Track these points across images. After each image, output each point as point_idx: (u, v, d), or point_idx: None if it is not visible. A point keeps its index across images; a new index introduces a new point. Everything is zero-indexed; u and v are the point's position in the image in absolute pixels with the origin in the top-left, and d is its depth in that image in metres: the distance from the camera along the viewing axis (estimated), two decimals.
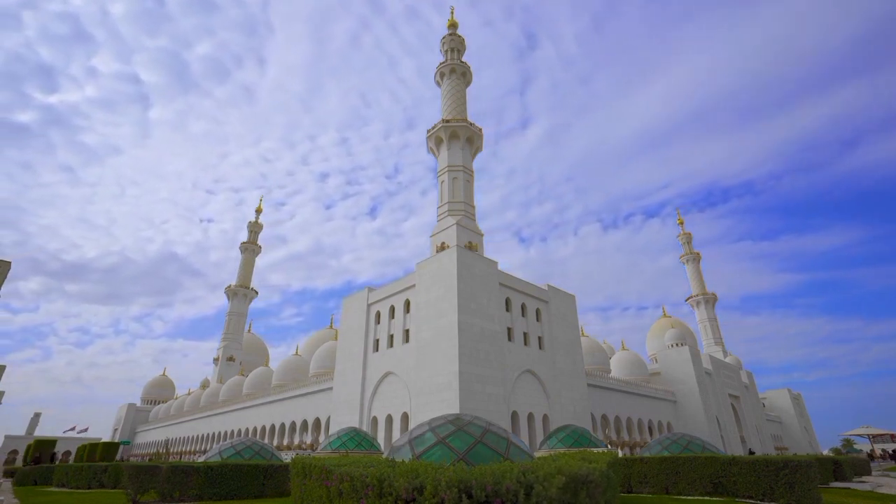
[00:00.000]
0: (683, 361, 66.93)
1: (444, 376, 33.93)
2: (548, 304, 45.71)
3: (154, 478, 17.55)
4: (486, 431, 11.01)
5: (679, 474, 17.88)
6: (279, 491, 18.34)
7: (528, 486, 5.92)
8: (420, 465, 7.05)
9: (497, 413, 34.24)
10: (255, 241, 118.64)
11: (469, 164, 52.70)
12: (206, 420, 78.35)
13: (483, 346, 35.82)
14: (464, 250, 38.51)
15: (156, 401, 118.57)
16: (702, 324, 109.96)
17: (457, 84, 58.01)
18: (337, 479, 7.50)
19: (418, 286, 39.74)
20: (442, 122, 53.14)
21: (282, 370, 66.54)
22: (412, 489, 5.98)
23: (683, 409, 64.77)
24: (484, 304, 37.56)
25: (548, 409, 40.69)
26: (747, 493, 16.23)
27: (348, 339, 47.06)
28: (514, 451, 10.59)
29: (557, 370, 43.33)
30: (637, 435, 57.40)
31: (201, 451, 75.25)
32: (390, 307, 43.38)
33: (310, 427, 52.51)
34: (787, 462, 15.70)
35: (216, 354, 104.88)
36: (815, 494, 15.21)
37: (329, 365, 57.03)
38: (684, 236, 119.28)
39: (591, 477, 6.94)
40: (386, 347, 42.13)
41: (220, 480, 17.08)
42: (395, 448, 11.53)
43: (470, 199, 50.76)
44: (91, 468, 27.09)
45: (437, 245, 46.61)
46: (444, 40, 61.60)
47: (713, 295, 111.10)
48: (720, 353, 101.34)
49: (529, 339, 42.05)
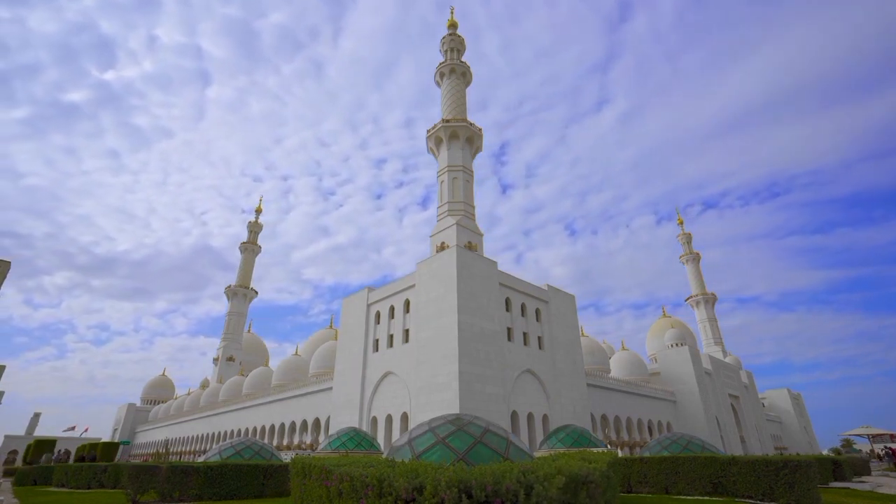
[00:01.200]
0: (683, 361, 66.95)
1: (443, 376, 33.93)
2: (547, 304, 45.72)
3: (154, 478, 17.53)
4: (485, 431, 11.01)
5: (679, 474, 17.89)
6: (279, 491, 18.34)
7: (528, 487, 5.93)
8: (420, 465, 7.05)
9: (497, 413, 34.24)
10: (254, 240, 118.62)
11: (469, 164, 52.71)
12: (205, 420, 78.32)
13: (483, 346, 35.82)
14: (464, 250, 38.52)
15: (155, 401, 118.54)
16: (701, 324, 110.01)
17: (457, 84, 58.01)
18: (337, 479, 7.50)
19: (418, 286, 39.74)
20: (442, 122, 53.14)
21: (281, 370, 66.54)
22: (412, 489, 5.98)
23: (683, 409, 64.79)
24: (484, 304, 37.57)
25: (548, 409, 40.69)
26: (747, 493, 16.23)
27: (348, 339, 47.05)
28: (514, 451, 10.59)
29: (557, 370, 43.34)
30: (637, 435, 57.40)
31: (201, 451, 75.23)
32: (390, 307, 43.38)
33: (309, 427, 52.49)
34: (787, 462, 15.70)
35: (216, 354, 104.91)
36: (815, 494, 15.22)
37: (329, 365, 57.02)
38: (684, 236, 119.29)
39: (591, 477, 6.94)
40: (386, 347, 42.14)
41: (220, 480, 17.07)
42: (395, 448, 11.52)
43: (470, 199, 50.78)
44: (91, 468, 27.08)
45: (436, 245, 46.62)
46: (443, 40, 61.53)
47: (713, 295, 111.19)
48: (720, 353, 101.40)
49: (529, 339, 42.05)
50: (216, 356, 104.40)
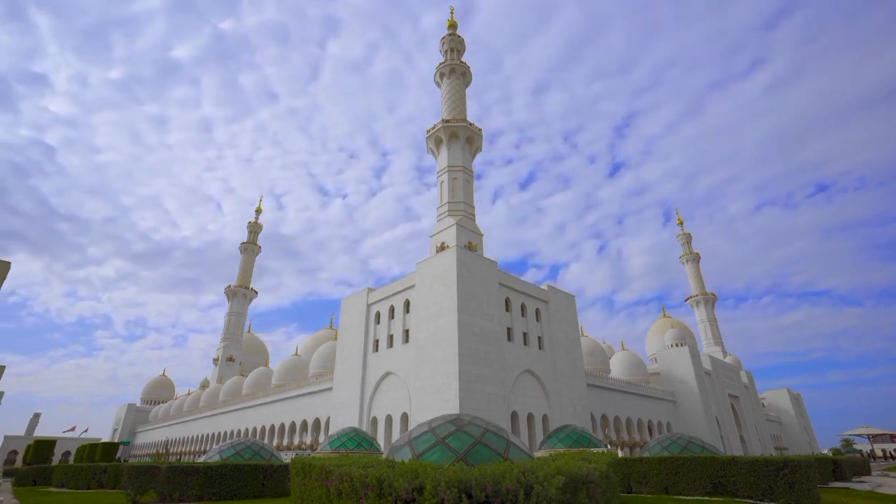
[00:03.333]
0: (683, 361, 66.96)
1: (443, 376, 33.93)
2: (547, 304, 45.71)
3: (154, 478, 17.54)
4: (485, 431, 11.01)
5: (679, 474, 17.89)
6: (279, 491, 18.35)
7: (528, 487, 5.93)
8: (420, 465, 7.06)
9: (497, 413, 34.24)
10: (255, 241, 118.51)
11: (469, 164, 52.70)
12: (205, 420, 78.28)
13: (483, 346, 35.81)
14: (464, 250, 38.52)
15: (156, 401, 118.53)
16: (702, 324, 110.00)
17: (456, 84, 58.00)
18: (337, 479, 7.50)
19: (418, 286, 39.74)
20: (442, 123, 53.15)
21: (281, 370, 66.51)
22: (412, 489, 5.98)
23: (683, 409, 64.79)
24: (484, 304, 37.56)
25: (547, 409, 40.69)
26: (747, 493, 16.23)
27: (348, 340, 47.05)
28: (514, 452, 10.59)
29: (557, 370, 43.33)
30: (637, 435, 57.39)
31: (201, 451, 75.21)
32: (390, 307, 43.37)
33: (309, 427, 52.47)
34: (787, 462, 15.71)
35: (216, 355, 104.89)
36: (815, 494, 15.22)
37: (329, 365, 57.00)
38: (683, 236, 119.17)
39: (590, 477, 6.95)
40: (386, 347, 42.13)
41: (220, 481, 17.08)
42: (395, 448, 11.53)
43: (470, 200, 50.78)
44: (91, 468, 27.08)
45: (436, 245, 46.60)
46: (443, 40, 61.50)
47: (713, 295, 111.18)
48: (720, 354, 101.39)
49: (529, 339, 42.04)
50: (216, 356, 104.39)
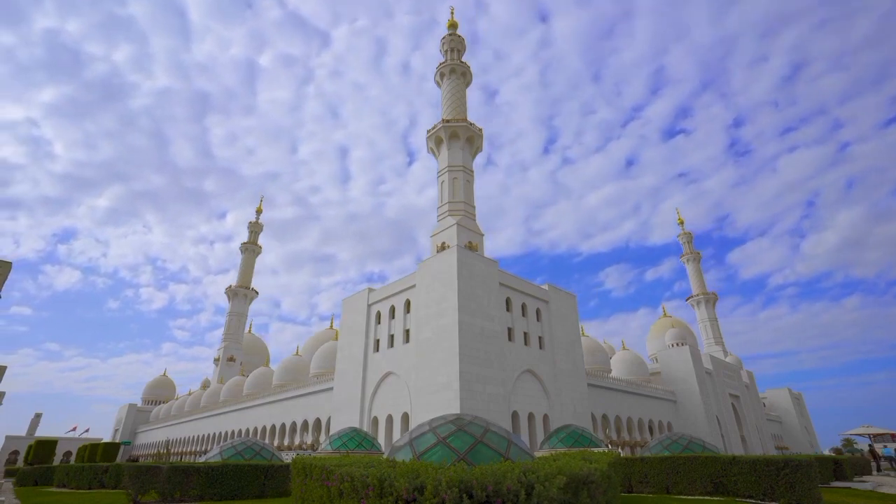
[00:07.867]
0: (684, 361, 66.91)
1: (444, 376, 33.94)
2: (548, 303, 45.71)
3: (155, 478, 17.55)
4: (486, 431, 11.01)
5: (679, 474, 17.88)
6: (280, 491, 18.36)
7: (529, 487, 5.93)
8: (421, 465, 7.06)
9: (497, 413, 34.24)
10: (255, 241, 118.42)
11: (469, 164, 52.70)
12: (206, 420, 78.35)
13: (483, 346, 35.81)
14: (464, 250, 38.52)
15: (156, 401, 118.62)
16: (702, 323, 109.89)
17: (457, 84, 58.00)
18: (337, 479, 7.50)
19: (419, 286, 39.75)
20: (442, 122, 53.15)
21: (282, 370, 66.55)
22: (413, 489, 5.98)
23: (684, 409, 64.75)
24: (484, 304, 37.56)
25: (548, 409, 40.68)
26: (748, 493, 16.22)
27: (348, 340, 47.06)
28: (515, 451, 10.58)
29: (558, 370, 43.33)
30: (637, 435, 57.37)
31: (202, 451, 75.26)
32: (390, 307, 43.38)
33: (310, 427, 52.49)
34: (788, 462, 15.70)
35: (216, 355, 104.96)
36: (816, 494, 15.21)
37: (329, 365, 57.02)
38: (684, 236, 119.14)
39: (591, 477, 6.95)
40: (386, 347, 42.15)
41: (221, 480, 17.10)
42: (396, 448, 11.52)
43: (470, 199, 50.77)
44: (92, 468, 27.11)
45: (437, 245, 46.60)
46: (443, 40, 61.50)
47: (713, 294, 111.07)
48: (720, 353, 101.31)
49: (530, 339, 42.04)
50: (216, 356, 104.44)
